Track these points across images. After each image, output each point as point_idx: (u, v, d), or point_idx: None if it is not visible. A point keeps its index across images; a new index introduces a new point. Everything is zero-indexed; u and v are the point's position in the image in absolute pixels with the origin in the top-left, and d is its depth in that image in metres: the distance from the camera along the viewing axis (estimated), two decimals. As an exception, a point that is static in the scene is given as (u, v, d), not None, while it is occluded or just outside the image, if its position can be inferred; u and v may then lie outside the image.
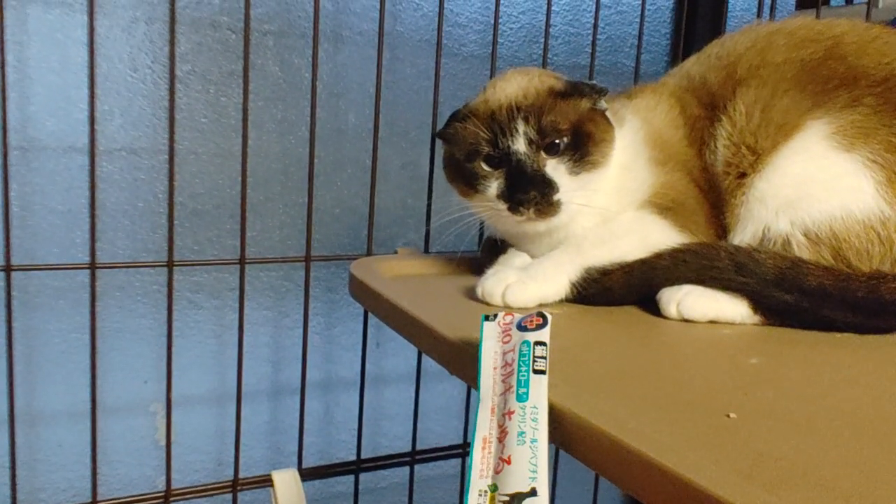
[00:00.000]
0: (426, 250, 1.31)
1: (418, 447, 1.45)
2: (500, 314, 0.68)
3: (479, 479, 0.56)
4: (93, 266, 1.16)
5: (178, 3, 1.24)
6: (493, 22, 1.34)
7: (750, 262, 0.83)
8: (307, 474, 1.33)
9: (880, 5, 1.38)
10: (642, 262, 0.88)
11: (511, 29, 1.58)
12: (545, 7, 1.40)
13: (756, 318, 0.84)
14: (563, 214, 0.92)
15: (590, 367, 0.70)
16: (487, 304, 0.88)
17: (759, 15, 1.47)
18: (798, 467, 0.49)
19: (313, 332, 1.50)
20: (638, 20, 1.51)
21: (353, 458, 1.40)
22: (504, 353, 0.64)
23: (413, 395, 1.41)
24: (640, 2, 1.49)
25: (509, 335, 0.65)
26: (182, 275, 1.36)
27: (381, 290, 0.96)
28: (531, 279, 0.89)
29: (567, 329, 0.84)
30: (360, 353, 1.35)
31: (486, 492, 0.55)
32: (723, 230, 0.93)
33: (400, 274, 1.11)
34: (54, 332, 1.30)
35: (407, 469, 1.47)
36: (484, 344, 0.65)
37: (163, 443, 1.32)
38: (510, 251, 1.01)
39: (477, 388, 0.63)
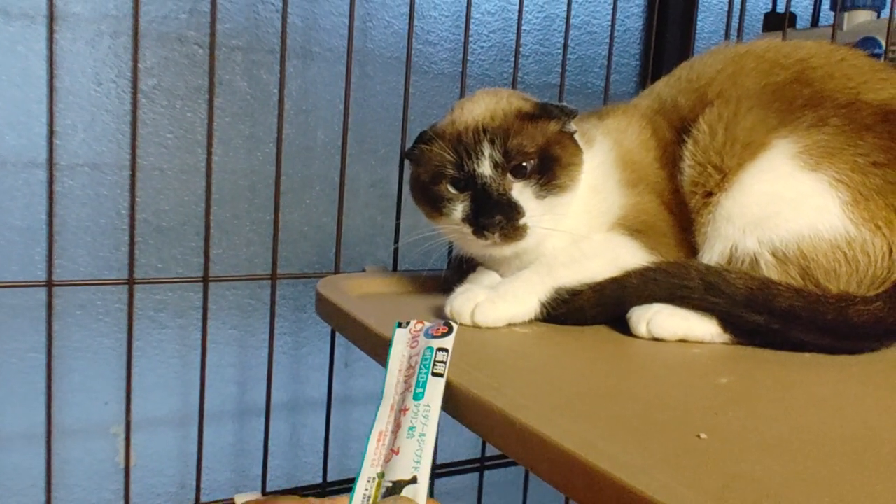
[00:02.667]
0: (395, 268, 1.30)
1: (386, 469, 1.43)
2: (413, 322, 0.73)
3: (371, 467, 0.62)
4: (49, 283, 1.13)
5: (143, 17, 1.22)
6: (463, 40, 1.33)
7: (720, 282, 0.83)
8: (272, 498, 1.30)
9: (845, 28, 1.41)
10: (613, 282, 0.88)
11: (482, 48, 1.58)
12: (516, 26, 1.41)
13: (726, 338, 0.84)
14: (530, 238, 0.91)
15: (559, 387, 0.70)
16: (456, 322, 0.87)
17: (726, 37, 1.49)
18: (769, 489, 0.48)
19: (280, 352, 1.47)
20: (608, 41, 1.52)
21: (320, 481, 1.37)
22: (410, 357, 0.70)
23: (381, 415, 1.38)
24: (609, 22, 1.50)
25: (417, 341, 0.71)
26: (145, 293, 1.33)
27: (349, 308, 0.94)
28: (501, 299, 0.88)
29: (537, 349, 0.83)
30: (327, 373, 1.33)
31: (374, 479, 0.61)
32: (693, 251, 0.93)
33: (368, 292, 1.09)
34: (11, 352, 1.26)
35: (374, 491, 1.44)
36: (393, 348, 0.71)
37: (123, 465, 1.28)
38: (479, 269, 1.00)
39: (382, 387, 0.68)
